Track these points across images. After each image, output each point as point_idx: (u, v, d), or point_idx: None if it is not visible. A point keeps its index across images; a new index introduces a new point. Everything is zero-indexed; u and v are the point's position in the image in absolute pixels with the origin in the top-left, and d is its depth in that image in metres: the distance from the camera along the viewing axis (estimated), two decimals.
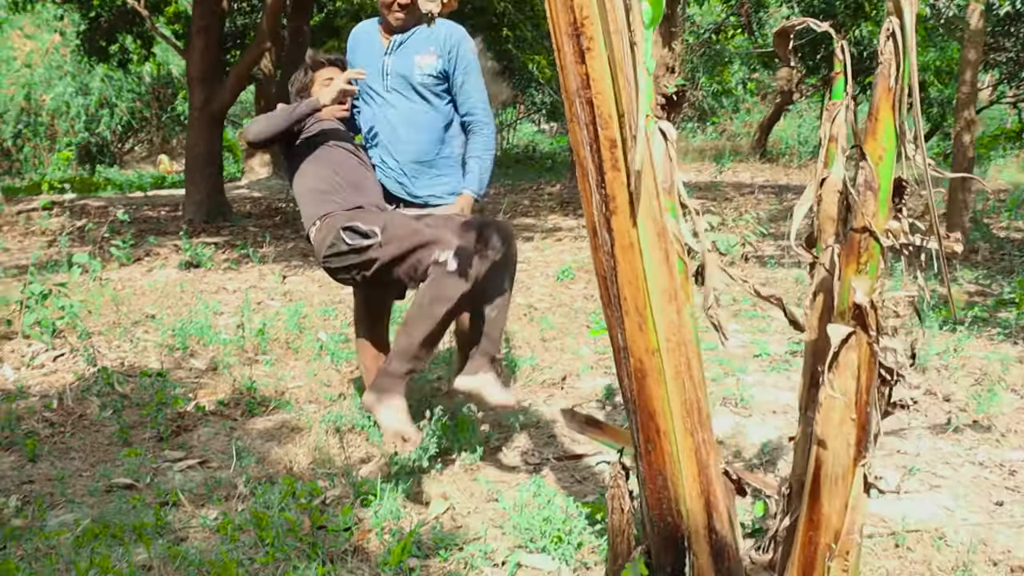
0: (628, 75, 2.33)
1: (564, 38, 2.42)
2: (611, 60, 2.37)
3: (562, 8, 2.40)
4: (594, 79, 2.36)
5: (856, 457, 2.56)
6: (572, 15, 2.39)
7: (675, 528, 2.63)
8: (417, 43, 4.55)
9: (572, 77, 2.38)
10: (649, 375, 2.50)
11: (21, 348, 6.56)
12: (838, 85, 2.61)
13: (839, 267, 2.51)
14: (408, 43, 4.59)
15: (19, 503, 4.19)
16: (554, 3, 2.42)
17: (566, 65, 2.40)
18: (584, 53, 2.37)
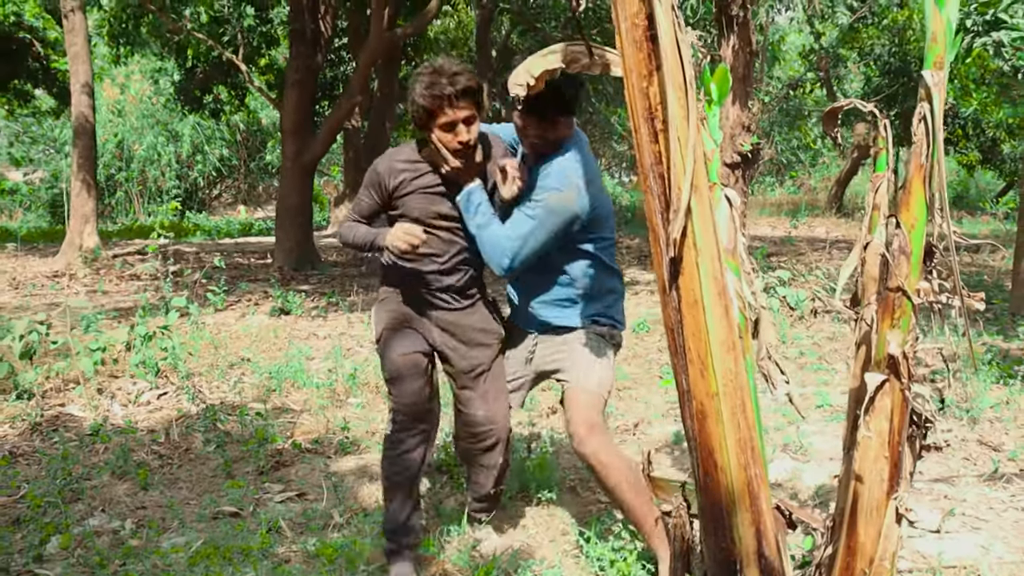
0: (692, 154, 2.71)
1: (640, 121, 2.80)
2: (679, 140, 2.75)
3: (639, 95, 2.79)
4: (665, 156, 2.74)
5: (889, 491, 2.90)
6: (648, 101, 2.77)
7: (729, 553, 2.97)
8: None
9: (647, 154, 2.77)
10: (709, 416, 2.86)
11: (127, 386, 7.03)
12: (881, 159, 2.98)
13: (876, 321, 2.86)
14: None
15: (134, 526, 4.64)
16: (632, 91, 2.80)
17: (642, 143, 2.78)
18: (657, 134, 2.76)
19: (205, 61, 17.87)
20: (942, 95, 2.76)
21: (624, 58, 2.80)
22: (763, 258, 12.10)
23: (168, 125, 27.52)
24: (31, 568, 4.13)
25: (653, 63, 2.74)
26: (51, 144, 28.81)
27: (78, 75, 15.03)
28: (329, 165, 28.89)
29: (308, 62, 14.15)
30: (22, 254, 15.86)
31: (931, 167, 2.78)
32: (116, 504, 4.94)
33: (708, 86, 3.08)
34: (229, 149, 29.36)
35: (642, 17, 2.73)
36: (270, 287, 11.84)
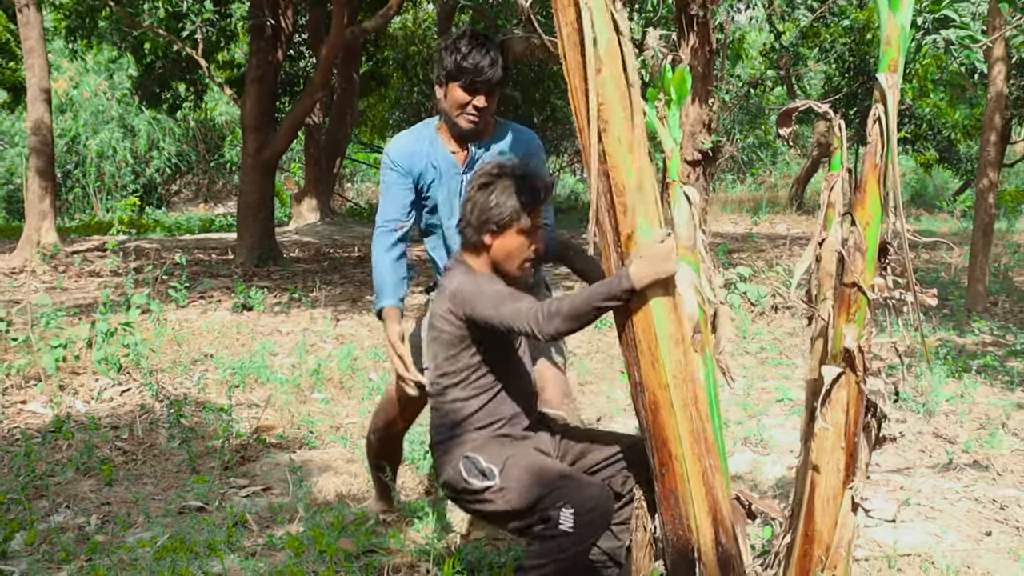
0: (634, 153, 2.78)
1: (584, 121, 2.89)
2: (623, 139, 2.82)
3: (581, 96, 2.87)
4: (610, 154, 2.82)
5: (845, 481, 2.98)
6: (590, 102, 2.85)
7: (687, 542, 3.03)
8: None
9: (593, 153, 2.85)
10: (662, 407, 2.93)
11: (89, 383, 7.03)
12: (836, 158, 3.05)
13: (832, 316, 2.93)
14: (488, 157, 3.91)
15: (100, 522, 4.65)
16: (575, 93, 2.89)
17: (586, 144, 2.87)
18: (600, 134, 2.84)
19: (163, 56, 17.79)
20: (895, 97, 2.84)
21: (565, 62, 2.88)
22: (724, 254, 12.21)
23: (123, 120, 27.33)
24: None
25: (593, 66, 2.81)
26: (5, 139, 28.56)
27: (33, 70, 14.90)
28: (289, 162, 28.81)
29: (268, 58, 14.13)
30: None
31: (885, 167, 2.85)
32: (81, 500, 4.95)
33: (668, 86, 3.14)
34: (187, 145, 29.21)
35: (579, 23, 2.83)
36: (232, 283, 11.83)
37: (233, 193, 29.36)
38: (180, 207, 29.74)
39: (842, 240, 2.95)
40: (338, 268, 14.07)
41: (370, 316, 9.77)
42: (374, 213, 7.28)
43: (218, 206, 29.98)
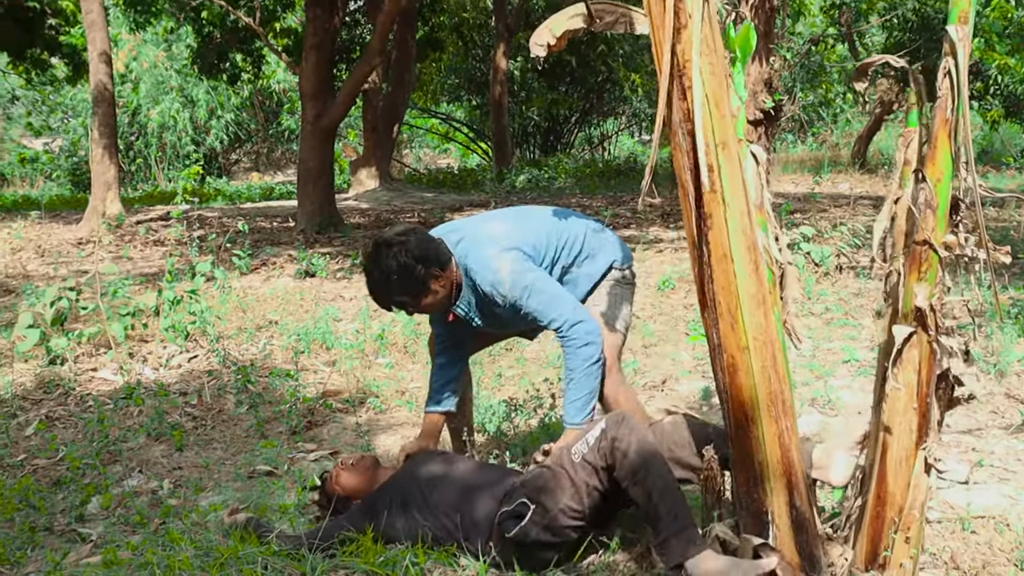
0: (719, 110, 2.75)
1: (667, 78, 2.84)
2: (707, 96, 2.78)
3: (666, 53, 2.82)
4: (693, 112, 2.78)
5: (918, 442, 2.95)
6: (676, 59, 2.81)
7: (760, 504, 3.02)
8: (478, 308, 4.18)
9: (675, 111, 2.81)
10: (740, 369, 2.91)
11: (157, 350, 7.13)
12: (912, 115, 3.01)
13: (903, 275, 2.89)
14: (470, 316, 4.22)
15: (172, 486, 4.74)
16: (659, 49, 2.84)
17: (670, 101, 2.82)
18: (685, 91, 2.79)
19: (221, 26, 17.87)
20: (967, 50, 2.79)
21: (651, 16, 2.83)
22: (787, 215, 12.07)
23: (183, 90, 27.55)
24: (74, 527, 4.23)
25: (680, 20, 2.77)
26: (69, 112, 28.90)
27: (95, 43, 15.06)
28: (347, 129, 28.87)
29: (325, 25, 14.12)
30: (46, 222, 15.96)
31: (956, 121, 2.80)
32: (153, 465, 5.04)
33: (732, 44, 3.11)
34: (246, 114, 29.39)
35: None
36: (294, 250, 11.91)
37: (292, 161, 29.52)
38: (240, 176, 29.98)
39: (913, 197, 2.90)
40: None
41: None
42: (433, 178, 7.15)
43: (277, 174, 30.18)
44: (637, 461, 3.31)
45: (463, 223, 4.27)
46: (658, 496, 3.26)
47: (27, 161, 28.81)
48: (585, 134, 30.86)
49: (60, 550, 3.95)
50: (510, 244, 4.00)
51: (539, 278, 3.95)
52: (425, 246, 3.95)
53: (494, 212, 4.50)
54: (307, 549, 3.63)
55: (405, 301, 4.00)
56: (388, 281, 3.91)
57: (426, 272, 3.91)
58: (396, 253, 3.87)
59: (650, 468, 3.30)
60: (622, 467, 3.32)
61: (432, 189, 21.19)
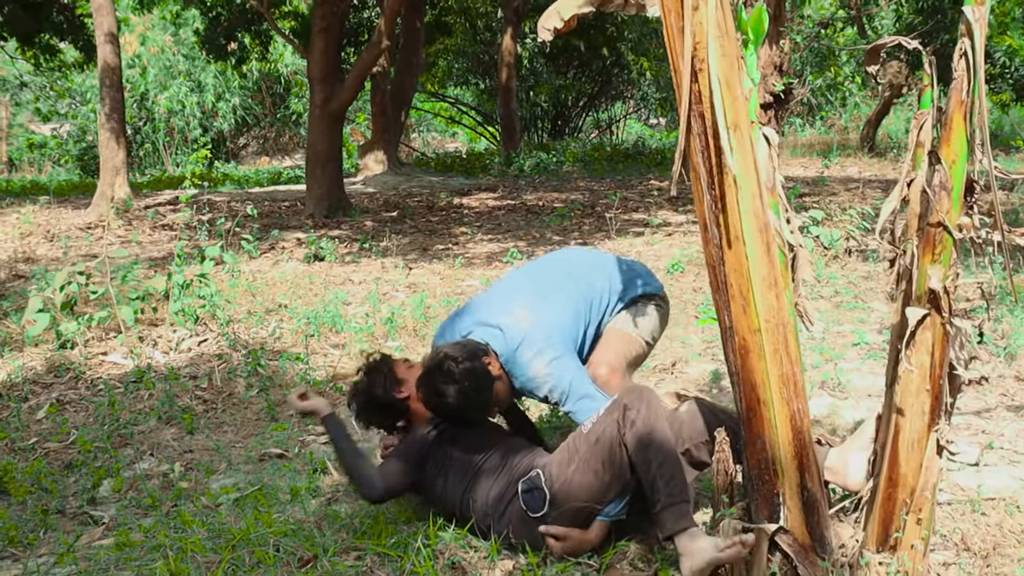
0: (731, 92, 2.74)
1: (679, 60, 2.83)
2: (719, 78, 2.77)
3: (677, 35, 2.81)
4: (705, 95, 2.77)
5: (930, 424, 2.95)
6: (685, 40, 2.80)
7: (772, 485, 3.02)
8: None
9: (686, 93, 2.80)
10: (751, 351, 2.91)
11: (167, 334, 7.13)
12: (926, 96, 2.99)
13: (917, 257, 2.89)
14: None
15: (183, 469, 4.75)
16: (671, 31, 2.83)
17: (682, 83, 2.81)
18: (696, 73, 2.78)
19: (227, 8, 17.85)
20: (983, 30, 2.77)
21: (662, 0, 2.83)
22: (796, 198, 12.05)
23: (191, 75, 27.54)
24: (86, 510, 4.25)
25: (693, 1, 2.76)
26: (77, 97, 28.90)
27: (102, 26, 15.04)
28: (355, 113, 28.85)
29: (333, 8, 14.07)
30: (54, 207, 15.96)
31: (972, 103, 2.79)
32: (164, 448, 5.06)
33: (744, 26, 3.09)
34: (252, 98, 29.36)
35: None
36: (303, 234, 11.92)
37: (300, 146, 29.50)
38: (248, 160, 29.97)
39: (927, 179, 2.89)
40: (407, 217, 14.11)
41: (441, 264, 9.84)
42: (441, 162, 7.05)
43: (285, 159, 30.17)
44: (643, 431, 3.41)
45: (480, 307, 4.23)
46: (657, 468, 3.38)
47: (35, 147, 28.83)
48: (593, 118, 30.82)
49: (72, 532, 3.98)
50: (546, 334, 3.96)
51: (575, 379, 3.91)
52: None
53: (510, 284, 4.42)
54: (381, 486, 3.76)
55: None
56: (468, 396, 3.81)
57: (483, 367, 3.86)
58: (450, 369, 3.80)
59: (654, 439, 3.41)
60: (629, 434, 3.42)
61: (440, 173, 21.16)
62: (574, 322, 4.08)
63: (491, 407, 3.93)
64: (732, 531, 3.06)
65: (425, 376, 3.83)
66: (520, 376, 3.95)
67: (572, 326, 4.06)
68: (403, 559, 3.45)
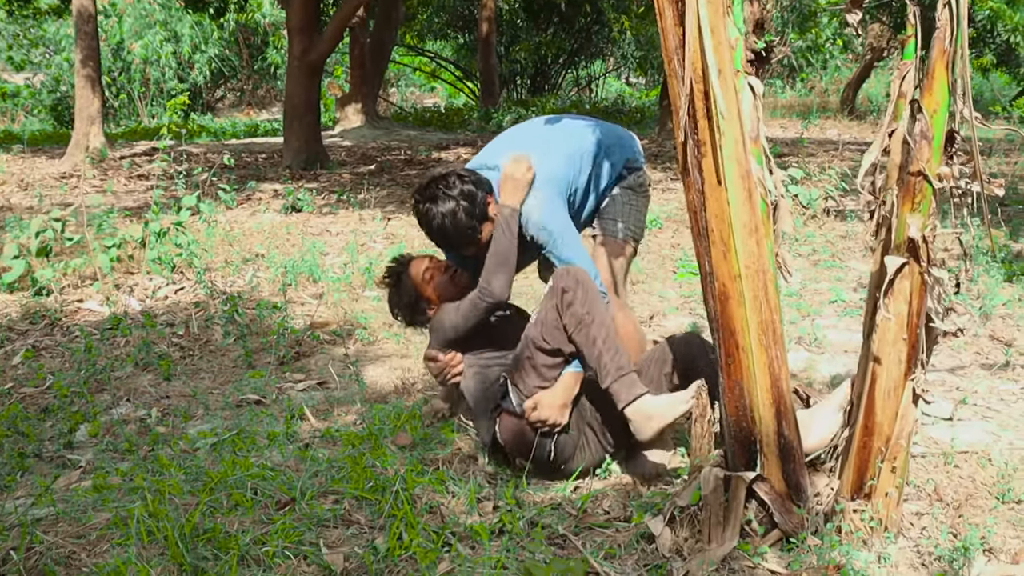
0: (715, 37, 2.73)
1: (664, 4, 2.83)
2: (703, 23, 2.76)
3: None
4: (691, 38, 2.76)
5: (906, 372, 2.97)
6: None
7: (749, 432, 3.04)
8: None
9: (671, 37, 2.79)
10: (731, 298, 2.92)
11: (144, 282, 7.11)
12: (909, 46, 2.98)
13: (897, 206, 2.89)
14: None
15: (160, 415, 4.74)
16: None
17: (666, 27, 2.81)
18: (682, 17, 2.78)
19: None
20: None
21: None
22: (776, 158, 12.03)
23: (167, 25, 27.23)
24: (63, 454, 4.24)
25: None
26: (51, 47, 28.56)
27: None
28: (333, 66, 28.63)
29: None
30: (28, 156, 15.82)
31: (954, 52, 2.79)
32: (141, 394, 5.05)
33: None
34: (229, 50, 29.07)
35: None
36: (280, 185, 11.86)
37: (277, 99, 29.28)
38: (224, 113, 29.72)
39: (908, 128, 2.89)
40: (385, 171, 14.04)
41: None
42: (419, 117, 6.93)
43: (262, 112, 29.93)
44: (581, 311, 3.57)
45: (482, 154, 4.26)
46: (603, 343, 3.57)
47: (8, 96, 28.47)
48: (573, 75, 30.67)
49: (50, 475, 3.97)
50: (542, 179, 3.99)
51: (564, 227, 3.96)
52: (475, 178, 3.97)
53: (510, 135, 4.42)
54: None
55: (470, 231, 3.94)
56: (455, 215, 3.87)
57: (483, 198, 3.92)
58: (454, 184, 3.89)
59: (594, 317, 3.58)
60: (567, 315, 3.57)
61: (419, 128, 21.06)
62: (568, 170, 4.11)
63: (473, 242, 3.97)
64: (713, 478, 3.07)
65: (426, 182, 3.93)
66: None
67: (567, 177, 4.10)
68: (380, 502, 3.46)
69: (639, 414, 3.50)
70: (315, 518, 3.39)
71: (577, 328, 3.58)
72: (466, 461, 3.98)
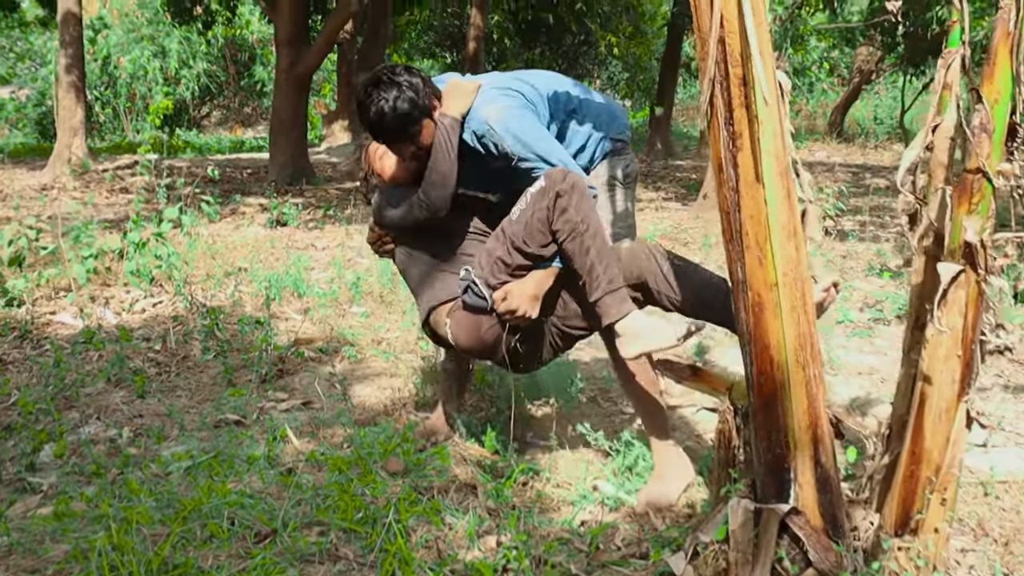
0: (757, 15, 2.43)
1: None
2: (739, 3, 2.46)
3: None
4: (727, 19, 2.45)
5: (960, 393, 2.66)
6: None
7: (782, 459, 2.73)
8: (472, 153, 3.78)
9: (706, 17, 2.49)
10: (766, 308, 2.60)
11: (121, 295, 6.79)
12: (954, 33, 2.69)
13: (951, 207, 2.59)
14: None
15: (132, 434, 4.41)
16: None
17: (700, 6, 2.50)
18: None
19: None
20: None
21: None
22: None
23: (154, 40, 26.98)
24: (23, 476, 3.89)
25: None
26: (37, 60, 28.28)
27: None
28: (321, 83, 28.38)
29: None
30: (8, 168, 15.50)
31: (1020, 35, 2.50)
32: (112, 412, 4.71)
33: None
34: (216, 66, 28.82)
35: None
36: (265, 199, 11.57)
37: (264, 117, 29.06)
38: (210, 130, 29.47)
39: (964, 120, 2.60)
40: None
41: None
42: None
43: (248, 130, 29.68)
44: (577, 218, 3.39)
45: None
46: (596, 255, 3.39)
47: None
48: None
49: (6, 500, 3.63)
50: (507, 87, 3.77)
51: (539, 133, 3.68)
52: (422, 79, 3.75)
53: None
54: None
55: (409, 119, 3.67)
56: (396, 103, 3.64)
57: (427, 94, 3.70)
58: (400, 73, 3.68)
59: (590, 225, 3.40)
60: (562, 220, 3.40)
61: None
62: (542, 107, 3.84)
63: (412, 140, 3.74)
64: (743, 510, 2.75)
65: (374, 73, 3.75)
66: (473, 117, 3.73)
67: (539, 110, 3.81)
68: (371, 535, 3.14)
69: (629, 330, 3.38)
70: (298, 552, 3.06)
71: (570, 236, 3.39)
72: (464, 490, 3.65)
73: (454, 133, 3.64)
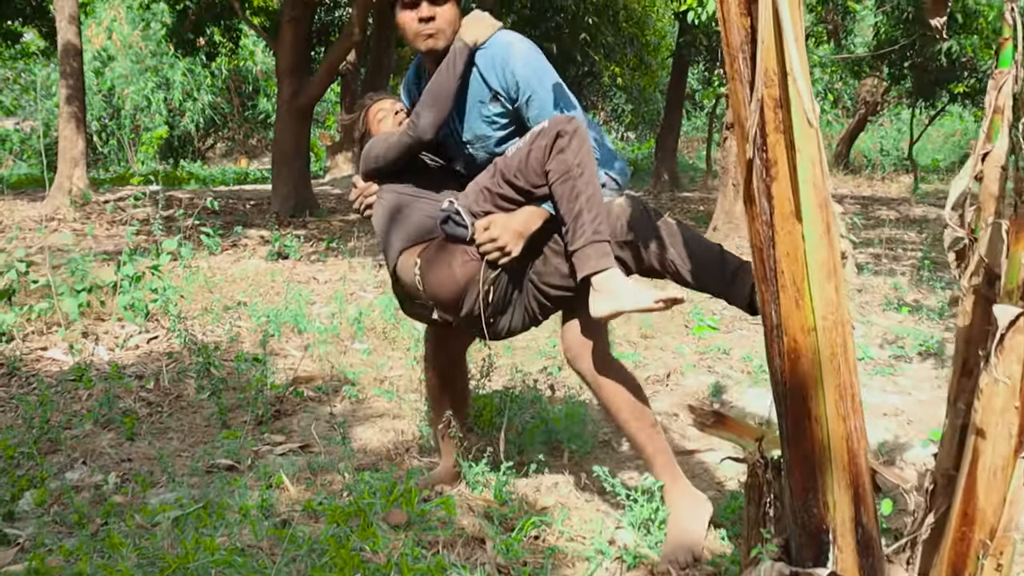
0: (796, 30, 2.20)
1: None
2: (776, 14, 2.23)
3: None
4: (767, 32, 2.22)
5: (1017, 448, 2.41)
6: None
7: (820, 519, 2.48)
8: (475, 88, 3.60)
9: (735, 31, 2.25)
10: (803, 356, 2.37)
11: (114, 330, 6.57)
12: (1006, 52, 2.47)
13: (1007, 243, 2.36)
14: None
15: (119, 480, 4.18)
16: None
17: (729, 18, 2.26)
18: (750, 4, 2.24)
19: (196, 2, 17.30)
20: None
21: None
22: None
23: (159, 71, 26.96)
24: (1, 527, 3.65)
25: None
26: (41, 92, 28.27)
27: (63, 8, 14.53)
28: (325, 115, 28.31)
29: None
30: (9, 199, 15.34)
31: None
32: (99, 456, 4.47)
33: None
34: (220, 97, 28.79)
35: None
36: (267, 232, 11.37)
37: (268, 148, 29.03)
38: (215, 162, 29.44)
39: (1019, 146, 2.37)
40: None
41: None
42: None
43: (253, 161, 29.63)
44: (573, 160, 3.27)
45: None
46: (586, 201, 3.25)
47: None
48: None
49: None
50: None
51: (553, 76, 3.53)
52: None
53: None
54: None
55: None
56: None
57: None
58: None
59: (585, 171, 3.26)
60: (557, 160, 3.27)
61: None
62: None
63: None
64: (776, 572, 2.51)
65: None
66: (495, 48, 3.55)
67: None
68: None
69: (605, 287, 3.22)
70: None
71: (563, 178, 3.25)
72: (471, 544, 3.40)
73: (462, 58, 3.47)
